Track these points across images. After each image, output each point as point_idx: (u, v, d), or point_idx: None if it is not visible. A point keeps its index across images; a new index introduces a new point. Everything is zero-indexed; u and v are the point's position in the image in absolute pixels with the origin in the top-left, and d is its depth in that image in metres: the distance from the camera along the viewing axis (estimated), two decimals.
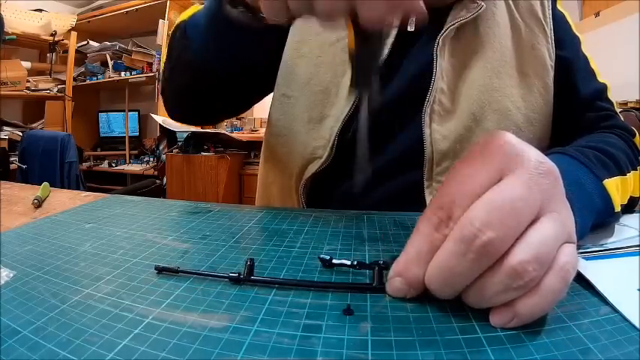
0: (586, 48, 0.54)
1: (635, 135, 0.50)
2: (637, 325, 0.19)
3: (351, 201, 0.48)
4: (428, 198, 0.47)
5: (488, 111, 0.47)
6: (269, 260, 0.28)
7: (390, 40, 0.49)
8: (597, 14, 2.15)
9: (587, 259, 0.27)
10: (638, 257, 0.27)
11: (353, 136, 0.49)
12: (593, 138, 0.46)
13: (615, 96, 0.54)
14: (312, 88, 0.52)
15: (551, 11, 0.52)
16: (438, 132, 0.47)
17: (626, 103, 1.74)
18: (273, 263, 0.28)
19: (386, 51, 0.49)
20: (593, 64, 0.53)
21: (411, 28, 0.44)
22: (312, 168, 0.50)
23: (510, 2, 0.51)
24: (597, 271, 0.25)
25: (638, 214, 0.36)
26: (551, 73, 0.50)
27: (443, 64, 0.48)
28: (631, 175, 0.42)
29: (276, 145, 0.56)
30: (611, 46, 1.93)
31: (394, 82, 0.51)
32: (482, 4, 0.48)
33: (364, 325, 0.20)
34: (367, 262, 0.26)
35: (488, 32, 0.50)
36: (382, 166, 0.50)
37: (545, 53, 0.50)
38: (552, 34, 0.51)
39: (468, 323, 0.20)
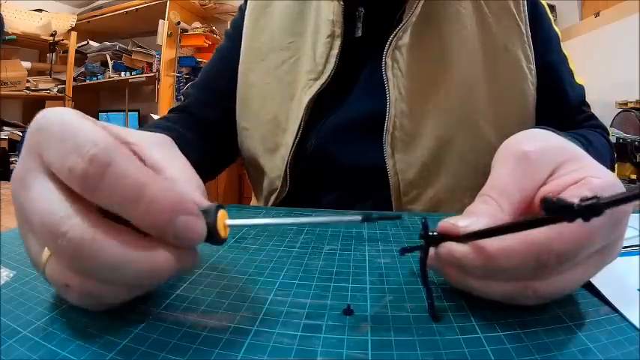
0: (562, 44, 0.51)
1: (609, 134, 0.50)
2: (637, 325, 0.19)
3: None
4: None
5: (456, 129, 0.43)
6: (269, 260, 0.29)
7: (335, 53, 0.45)
8: (597, 14, 2.15)
9: None
10: (638, 257, 0.27)
11: (305, 164, 0.47)
12: (584, 133, 0.45)
13: (615, 96, 0.55)
14: (262, 118, 0.49)
15: (527, 6, 0.46)
16: (402, 161, 0.43)
17: (626, 103, 1.73)
18: (273, 263, 0.28)
19: (331, 67, 0.45)
20: (571, 63, 0.50)
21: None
22: (272, 200, 0.48)
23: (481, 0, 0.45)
24: None
25: (638, 214, 0.36)
26: (529, 77, 0.45)
27: (399, 82, 0.43)
28: None
29: (247, 175, 0.57)
30: (611, 46, 1.93)
31: (348, 104, 0.47)
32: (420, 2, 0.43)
33: (364, 325, 0.20)
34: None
35: (453, 36, 0.44)
36: (346, 193, 0.47)
37: (521, 55, 0.45)
38: (528, 31, 0.45)
39: (468, 323, 0.20)
